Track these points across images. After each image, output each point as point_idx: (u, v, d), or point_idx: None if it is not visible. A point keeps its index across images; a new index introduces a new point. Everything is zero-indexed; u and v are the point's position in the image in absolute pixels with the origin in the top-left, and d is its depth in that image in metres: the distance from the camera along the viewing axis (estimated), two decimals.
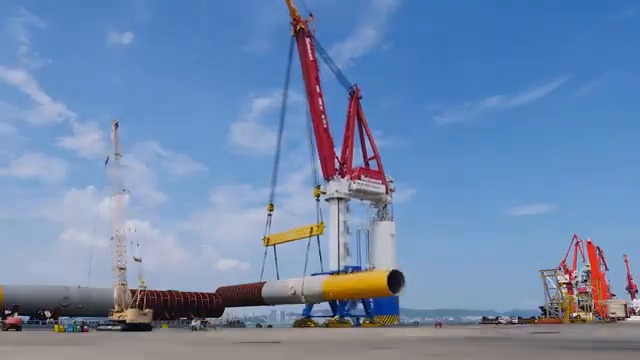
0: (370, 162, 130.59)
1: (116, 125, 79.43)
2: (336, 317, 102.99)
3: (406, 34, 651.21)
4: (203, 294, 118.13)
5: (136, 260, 72.30)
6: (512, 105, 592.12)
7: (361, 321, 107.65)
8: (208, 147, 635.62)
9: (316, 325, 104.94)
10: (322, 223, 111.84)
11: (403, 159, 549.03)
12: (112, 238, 73.07)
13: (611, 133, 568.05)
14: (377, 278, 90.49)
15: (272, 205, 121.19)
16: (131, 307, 70.64)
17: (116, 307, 72.37)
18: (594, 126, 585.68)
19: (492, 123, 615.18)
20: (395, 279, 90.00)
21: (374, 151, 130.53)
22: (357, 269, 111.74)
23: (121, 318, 70.03)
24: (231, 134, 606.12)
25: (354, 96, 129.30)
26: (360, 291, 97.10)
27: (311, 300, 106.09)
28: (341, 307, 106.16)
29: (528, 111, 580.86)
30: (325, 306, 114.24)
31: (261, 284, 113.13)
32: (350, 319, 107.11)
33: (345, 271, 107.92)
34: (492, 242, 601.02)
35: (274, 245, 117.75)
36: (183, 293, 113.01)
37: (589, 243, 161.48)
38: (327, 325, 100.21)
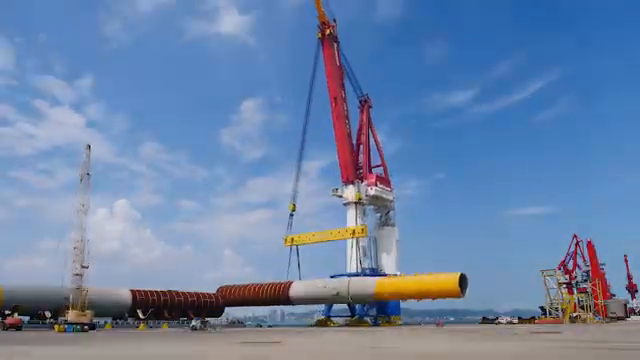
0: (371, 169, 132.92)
1: (89, 147, 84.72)
2: (356, 317, 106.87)
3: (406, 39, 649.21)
4: (203, 294, 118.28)
5: (84, 267, 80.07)
6: (510, 104, 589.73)
7: (380, 321, 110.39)
8: (204, 149, 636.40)
9: (336, 325, 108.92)
10: (365, 226, 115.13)
11: (403, 159, 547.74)
12: (75, 248, 79.99)
13: (612, 133, 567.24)
14: (448, 281, 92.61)
15: (294, 205, 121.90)
16: (72, 309, 77.63)
17: (70, 308, 78.33)
18: (594, 125, 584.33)
19: (492, 123, 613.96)
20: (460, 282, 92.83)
21: (381, 159, 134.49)
22: (373, 271, 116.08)
23: (65, 318, 77.39)
24: (223, 136, 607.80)
25: (365, 105, 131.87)
26: (425, 293, 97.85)
27: (358, 301, 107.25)
28: (360, 308, 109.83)
29: (528, 110, 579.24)
30: (338, 306, 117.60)
31: (288, 283, 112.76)
32: (368, 319, 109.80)
33: (363, 273, 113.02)
34: (492, 242, 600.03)
35: (297, 245, 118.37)
36: (183, 293, 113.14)
37: (589, 243, 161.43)
38: (348, 325, 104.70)
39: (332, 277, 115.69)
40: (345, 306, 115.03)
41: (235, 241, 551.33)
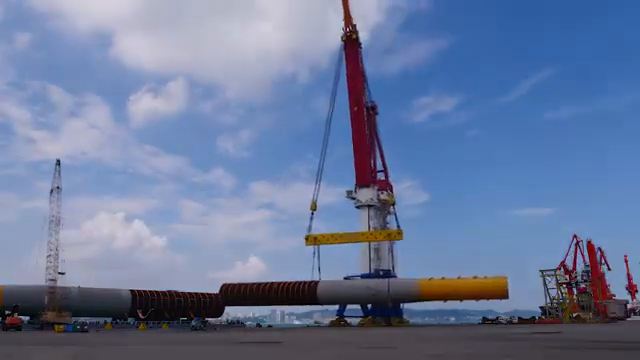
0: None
1: (58, 162, 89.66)
2: (369, 317, 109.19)
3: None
4: (203, 294, 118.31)
5: (60, 274, 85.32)
6: (506, 103, 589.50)
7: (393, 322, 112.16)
8: (202, 153, 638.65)
9: (349, 325, 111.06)
10: (401, 230, 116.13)
11: (402, 159, 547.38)
12: (48, 256, 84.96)
13: (612, 133, 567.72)
14: (497, 283, 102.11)
15: (315, 204, 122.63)
16: (52, 310, 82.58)
17: (46, 310, 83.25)
18: (594, 125, 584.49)
19: (492, 123, 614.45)
20: None
21: (383, 164, 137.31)
22: (387, 273, 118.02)
23: (45, 319, 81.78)
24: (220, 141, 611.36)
25: (372, 112, 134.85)
26: (473, 294, 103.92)
27: (398, 301, 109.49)
28: (373, 309, 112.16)
29: (528, 110, 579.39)
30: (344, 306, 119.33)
31: (314, 283, 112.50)
32: (381, 319, 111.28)
33: (377, 274, 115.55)
34: (492, 242, 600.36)
35: (318, 245, 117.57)
36: (183, 293, 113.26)
37: (589, 243, 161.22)
38: (362, 325, 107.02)
39: (346, 278, 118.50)
40: (356, 306, 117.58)
41: (236, 242, 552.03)
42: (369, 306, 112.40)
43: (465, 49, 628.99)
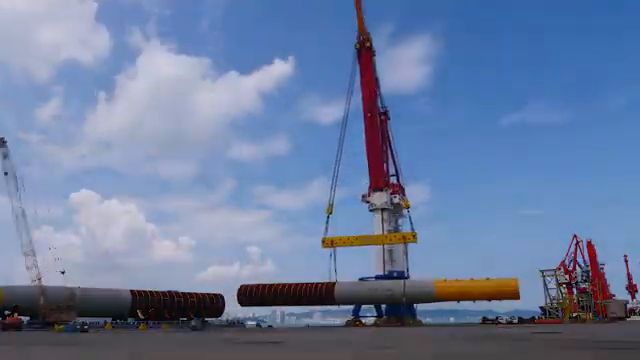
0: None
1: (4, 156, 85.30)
2: (384, 317, 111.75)
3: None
4: (203, 294, 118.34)
5: (61, 272, 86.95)
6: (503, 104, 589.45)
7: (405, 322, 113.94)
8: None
9: (364, 325, 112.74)
10: (416, 233, 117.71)
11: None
12: (30, 255, 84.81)
13: (611, 132, 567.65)
14: (509, 285, 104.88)
15: (331, 207, 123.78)
16: (55, 310, 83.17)
17: (43, 310, 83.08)
18: (592, 124, 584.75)
19: (492, 123, 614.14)
20: None
21: (396, 169, 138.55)
22: (401, 274, 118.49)
23: (49, 319, 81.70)
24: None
25: (384, 117, 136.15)
26: (487, 294, 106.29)
27: (413, 301, 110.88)
28: (387, 309, 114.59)
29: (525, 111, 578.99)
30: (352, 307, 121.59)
31: (331, 284, 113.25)
32: (395, 319, 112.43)
33: (391, 276, 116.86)
34: (492, 242, 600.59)
35: (334, 247, 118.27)
36: (183, 293, 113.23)
37: (589, 243, 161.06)
38: (377, 325, 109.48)
39: (361, 279, 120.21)
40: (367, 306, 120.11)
41: (236, 242, 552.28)
42: (383, 306, 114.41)
43: (465, 51, 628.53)
